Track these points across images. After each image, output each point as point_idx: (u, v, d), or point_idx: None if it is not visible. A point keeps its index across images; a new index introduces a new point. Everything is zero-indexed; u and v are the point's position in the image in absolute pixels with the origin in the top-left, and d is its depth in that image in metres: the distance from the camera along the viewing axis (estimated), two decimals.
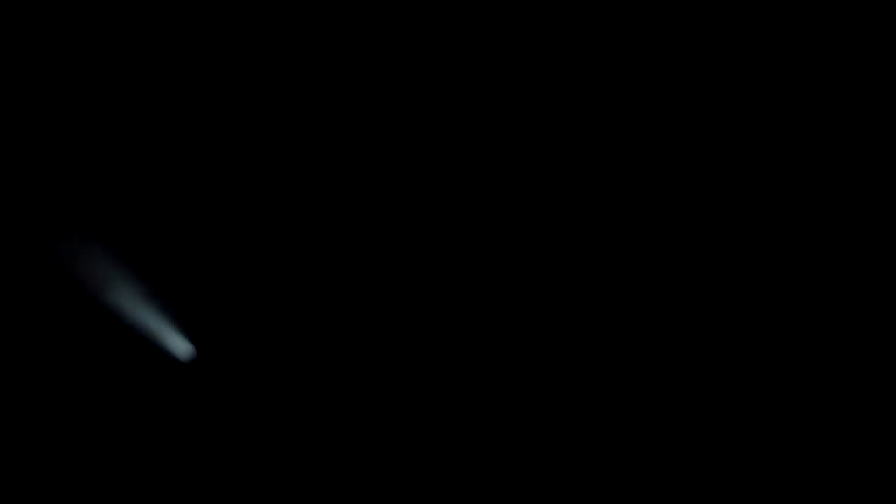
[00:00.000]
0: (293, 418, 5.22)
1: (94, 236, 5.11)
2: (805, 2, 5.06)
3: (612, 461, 5.15)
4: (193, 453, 5.15)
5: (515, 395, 5.25)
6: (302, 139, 5.30)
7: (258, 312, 5.29)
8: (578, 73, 5.24)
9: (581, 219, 5.28)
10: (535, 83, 5.26)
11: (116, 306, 5.07)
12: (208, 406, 5.20)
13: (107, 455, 5.09)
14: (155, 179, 5.26)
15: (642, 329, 5.24)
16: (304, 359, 5.28)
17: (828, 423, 5.06)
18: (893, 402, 5.03)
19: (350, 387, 5.25)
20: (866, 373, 5.08)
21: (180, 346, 5.13)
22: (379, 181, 5.31)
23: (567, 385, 5.23)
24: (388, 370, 5.26)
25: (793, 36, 5.11)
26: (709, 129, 5.22)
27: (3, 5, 5.03)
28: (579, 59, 5.23)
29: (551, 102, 5.27)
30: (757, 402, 5.12)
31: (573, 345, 5.26)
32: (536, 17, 5.21)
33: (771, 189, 5.19)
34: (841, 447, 5.03)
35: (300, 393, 5.25)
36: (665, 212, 5.25)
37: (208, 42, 5.18)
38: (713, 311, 5.21)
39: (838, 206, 5.15)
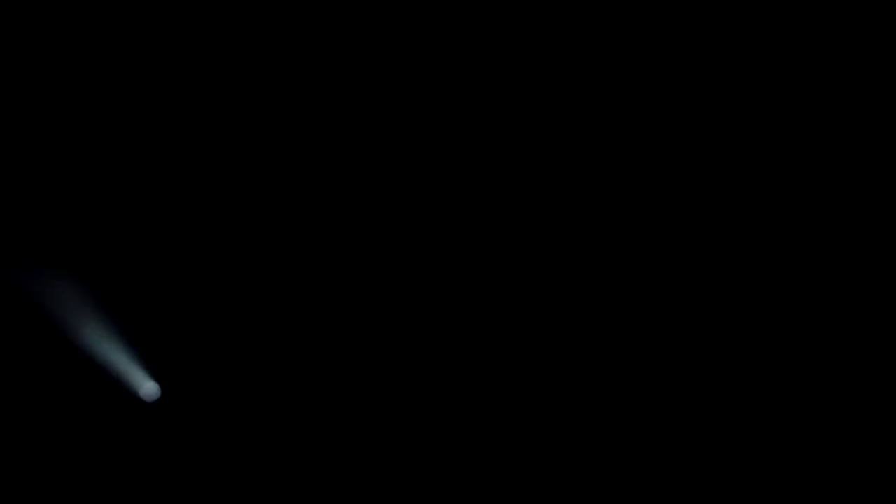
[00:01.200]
0: (262, 457, 5.22)
1: (64, 275, 5.11)
2: (805, 2, 5.07)
3: (612, 461, 5.15)
4: (158, 494, 5.15)
5: (515, 395, 5.26)
6: (269, 188, 5.31)
7: (224, 353, 5.29)
8: (578, 73, 5.25)
9: (581, 219, 5.29)
10: (535, 83, 5.27)
11: (83, 345, 5.07)
12: (174, 447, 5.20)
13: (70, 495, 5.09)
14: (124, 219, 5.25)
15: (642, 329, 5.24)
16: (273, 396, 5.27)
17: (828, 423, 5.07)
18: (893, 402, 5.04)
19: (323, 430, 5.24)
20: (866, 373, 5.09)
21: (146, 385, 5.13)
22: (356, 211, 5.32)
23: (567, 385, 5.24)
24: (362, 411, 5.27)
25: (793, 36, 5.13)
26: (709, 130, 5.23)
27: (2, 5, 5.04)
28: (579, 60, 5.24)
29: (551, 103, 5.28)
30: (757, 402, 5.13)
31: (573, 345, 5.27)
32: (536, 17, 5.22)
33: (771, 189, 5.20)
34: (841, 447, 5.04)
35: (268, 430, 5.25)
36: (665, 212, 5.26)
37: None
38: (713, 311, 5.22)
39: (838, 206, 5.16)
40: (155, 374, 5.15)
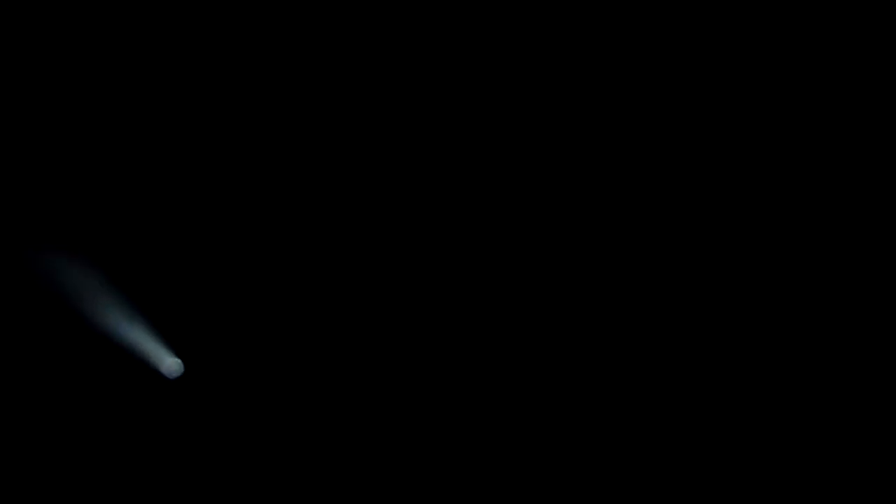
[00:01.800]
0: (280, 434, 5.22)
1: (81, 253, 5.12)
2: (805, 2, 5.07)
3: (612, 461, 5.15)
4: (181, 469, 5.16)
5: (515, 395, 5.26)
6: (282, 162, 5.32)
7: (245, 328, 5.30)
8: (578, 73, 5.25)
9: (581, 219, 5.29)
10: (535, 83, 5.27)
11: (104, 324, 5.08)
12: (197, 422, 5.21)
13: (94, 474, 5.10)
14: (141, 196, 5.26)
15: (642, 329, 5.24)
16: (293, 373, 5.28)
17: (828, 423, 5.07)
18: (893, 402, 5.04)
19: (339, 404, 5.24)
20: (866, 373, 5.09)
21: (168, 362, 5.13)
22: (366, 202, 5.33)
23: (567, 385, 5.24)
24: (378, 394, 5.27)
25: (793, 36, 5.13)
26: (709, 129, 5.23)
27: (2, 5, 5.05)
28: (579, 59, 5.24)
29: (551, 103, 5.28)
30: (757, 403, 5.13)
31: (573, 345, 5.27)
32: (536, 17, 5.22)
33: (771, 189, 5.20)
34: (841, 447, 5.04)
35: (288, 407, 5.25)
36: (665, 212, 5.26)
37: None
38: (713, 311, 5.22)
39: (838, 206, 5.16)
40: (177, 351, 5.16)
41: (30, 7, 5.07)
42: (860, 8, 5.04)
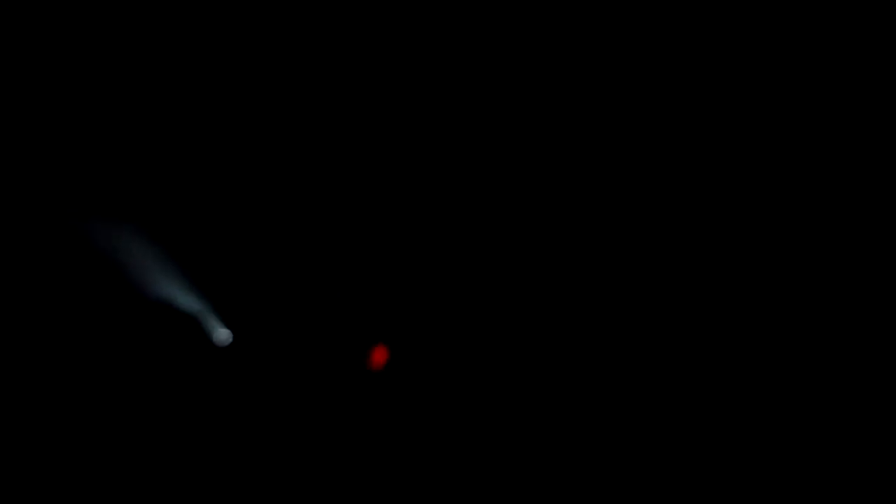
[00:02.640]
0: (322, 409, 5.24)
1: (129, 224, 5.16)
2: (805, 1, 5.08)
3: (612, 461, 5.16)
4: (225, 439, 5.18)
5: (515, 395, 5.27)
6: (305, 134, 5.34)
7: (293, 300, 5.32)
8: (578, 73, 5.26)
9: (581, 219, 5.30)
10: (535, 83, 5.28)
11: (156, 293, 5.12)
12: (245, 390, 5.24)
13: (138, 441, 5.12)
14: (198, 170, 5.29)
15: (642, 329, 5.25)
16: (335, 347, 5.31)
17: (828, 423, 5.07)
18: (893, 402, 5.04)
19: (384, 375, 5.26)
20: (866, 373, 5.09)
21: (219, 331, 5.18)
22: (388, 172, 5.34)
23: (567, 385, 5.25)
24: (412, 362, 5.28)
25: (793, 36, 5.13)
26: (709, 129, 5.23)
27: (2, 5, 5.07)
28: (579, 59, 5.25)
29: (551, 103, 5.29)
30: (757, 403, 5.13)
31: (573, 345, 5.27)
32: (536, 17, 5.23)
33: (771, 189, 5.20)
34: (841, 447, 5.04)
35: (331, 382, 5.28)
36: (665, 212, 5.26)
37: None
38: (713, 311, 5.22)
39: (838, 206, 5.16)
40: (227, 321, 5.20)
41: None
42: (860, 8, 5.05)
